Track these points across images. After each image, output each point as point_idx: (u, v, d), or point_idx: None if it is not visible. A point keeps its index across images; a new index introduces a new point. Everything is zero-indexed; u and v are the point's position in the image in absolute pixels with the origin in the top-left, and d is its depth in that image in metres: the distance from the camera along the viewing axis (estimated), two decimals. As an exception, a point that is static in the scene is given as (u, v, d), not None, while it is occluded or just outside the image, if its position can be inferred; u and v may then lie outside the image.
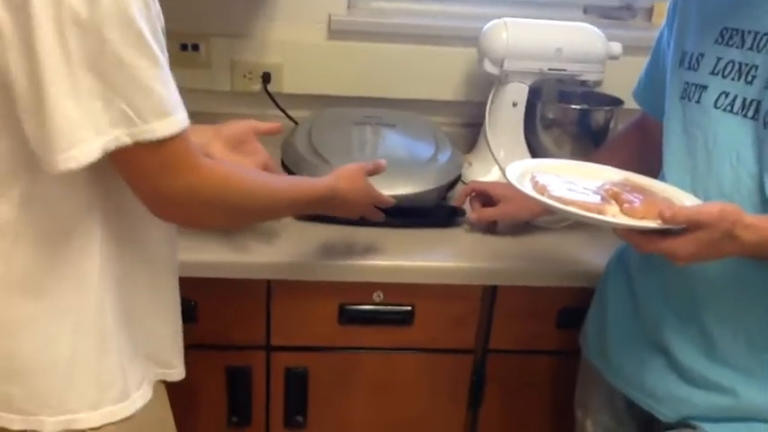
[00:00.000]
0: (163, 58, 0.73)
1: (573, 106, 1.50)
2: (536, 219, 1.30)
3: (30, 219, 0.78)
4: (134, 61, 0.69)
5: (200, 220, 0.88)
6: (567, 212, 0.85)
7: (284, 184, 0.99)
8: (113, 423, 0.85)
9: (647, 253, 0.86)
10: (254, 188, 0.88)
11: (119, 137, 0.71)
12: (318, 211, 1.12)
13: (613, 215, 0.85)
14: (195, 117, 1.16)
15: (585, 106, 1.51)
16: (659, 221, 0.81)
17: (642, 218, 0.85)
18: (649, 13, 1.71)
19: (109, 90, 0.69)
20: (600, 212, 0.85)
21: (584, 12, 1.73)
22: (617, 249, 1.15)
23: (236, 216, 0.90)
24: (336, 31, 1.63)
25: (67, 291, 0.80)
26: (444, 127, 1.63)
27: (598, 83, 1.52)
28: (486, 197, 1.29)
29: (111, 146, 0.71)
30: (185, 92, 0.78)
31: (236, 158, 1.12)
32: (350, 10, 1.66)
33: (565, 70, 1.49)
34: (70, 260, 0.80)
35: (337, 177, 1.04)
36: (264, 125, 1.18)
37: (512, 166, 0.97)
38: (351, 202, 1.06)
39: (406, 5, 1.71)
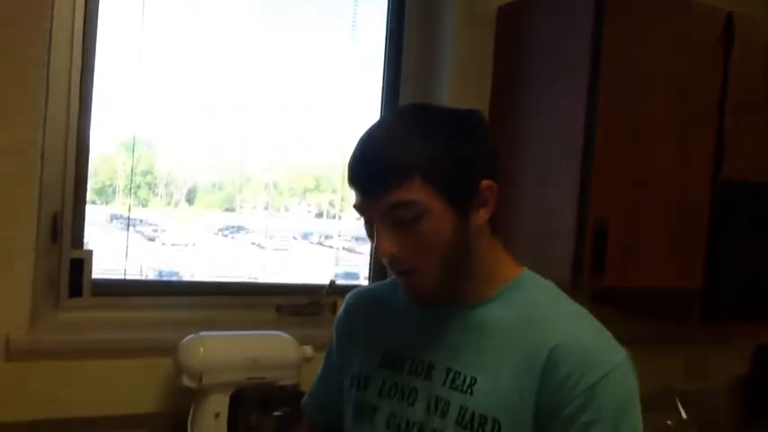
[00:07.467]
0: None
1: (275, 413, 1.54)
2: None
3: None
4: None
5: None
6: None
7: None
8: None
9: None
10: None
11: None
12: None
13: None
14: None
15: (287, 409, 1.55)
16: None
17: None
18: (333, 307, 1.89)
19: None
20: None
21: (277, 309, 1.84)
22: None
23: None
24: (18, 352, 1.50)
25: None
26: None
27: (296, 386, 1.59)
28: None
29: None
30: None
31: None
32: (32, 327, 1.55)
33: (264, 378, 1.54)
34: None
35: None
36: None
37: None
38: None
39: (98, 314, 1.66)
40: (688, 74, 1.79)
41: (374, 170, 0.93)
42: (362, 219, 1.00)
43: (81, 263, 1.64)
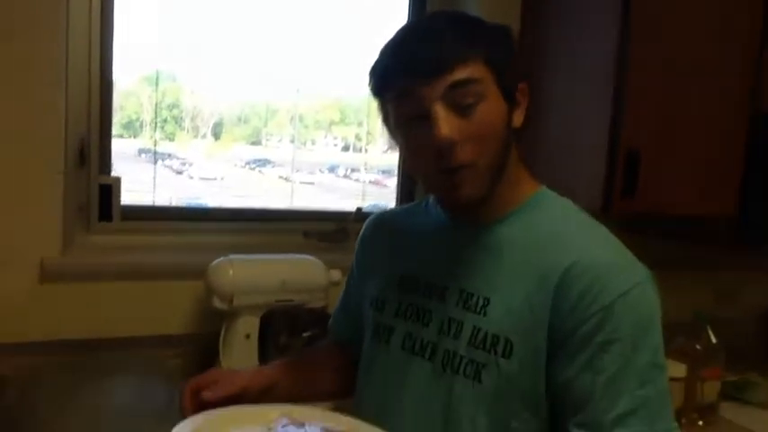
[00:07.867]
0: None
1: (304, 334, 1.56)
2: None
3: None
4: None
5: None
6: None
7: None
8: None
9: None
10: None
11: None
12: None
13: None
14: None
15: (316, 331, 1.58)
16: None
17: None
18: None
19: None
20: None
21: (304, 235, 1.85)
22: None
23: None
24: (51, 274, 1.53)
25: None
26: (175, 360, 1.58)
27: (324, 308, 1.60)
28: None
29: None
30: None
31: None
32: (65, 250, 1.58)
33: (292, 300, 1.56)
34: None
35: None
36: None
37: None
38: None
39: (129, 238, 1.68)
40: (727, 3, 1.72)
41: (438, 45, 0.87)
42: (391, 133, 0.97)
43: (109, 189, 1.66)
